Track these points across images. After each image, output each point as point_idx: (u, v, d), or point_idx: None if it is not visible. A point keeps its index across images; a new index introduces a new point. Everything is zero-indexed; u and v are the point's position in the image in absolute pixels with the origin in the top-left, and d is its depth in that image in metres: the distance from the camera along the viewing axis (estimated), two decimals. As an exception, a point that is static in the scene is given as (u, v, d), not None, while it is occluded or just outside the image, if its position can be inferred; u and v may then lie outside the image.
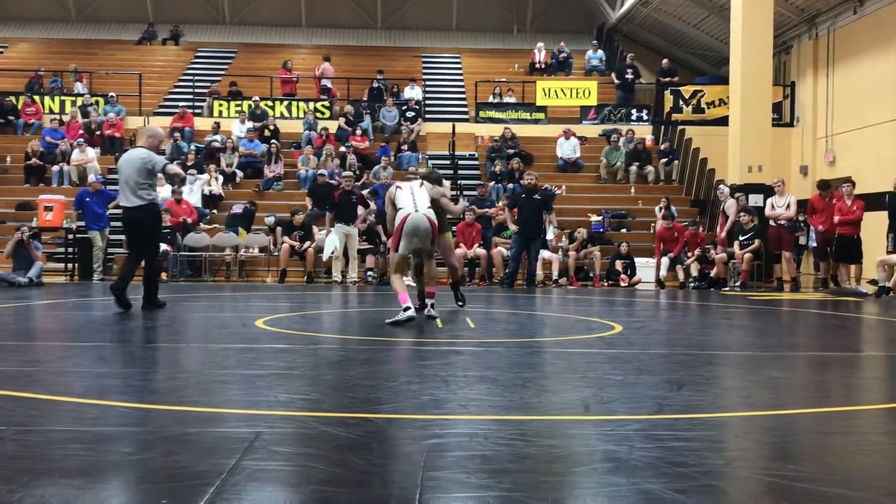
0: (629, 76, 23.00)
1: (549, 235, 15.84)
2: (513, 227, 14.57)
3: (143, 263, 9.02)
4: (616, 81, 23.31)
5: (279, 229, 16.22)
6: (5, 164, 20.13)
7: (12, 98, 21.98)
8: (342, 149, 19.75)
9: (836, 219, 14.42)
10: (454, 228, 16.17)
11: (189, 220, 16.24)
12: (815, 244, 16.40)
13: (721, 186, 16.65)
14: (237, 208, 17.18)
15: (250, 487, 2.68)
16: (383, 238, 15.16)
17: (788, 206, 15.23)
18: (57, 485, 2.67)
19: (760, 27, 17.18)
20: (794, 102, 21.18)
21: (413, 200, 8.29)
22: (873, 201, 15.64)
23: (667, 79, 22.49)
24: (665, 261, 15.61)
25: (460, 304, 9.70)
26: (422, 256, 8.76)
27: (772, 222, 15.29)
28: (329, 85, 23.68)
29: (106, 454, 3.07)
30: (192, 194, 17.37)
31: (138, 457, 3.05)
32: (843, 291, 14.09)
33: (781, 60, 22.01)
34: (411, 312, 7.61)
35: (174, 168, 9.45)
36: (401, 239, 8.21)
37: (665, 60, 23.76)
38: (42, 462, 2.95)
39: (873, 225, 15.12)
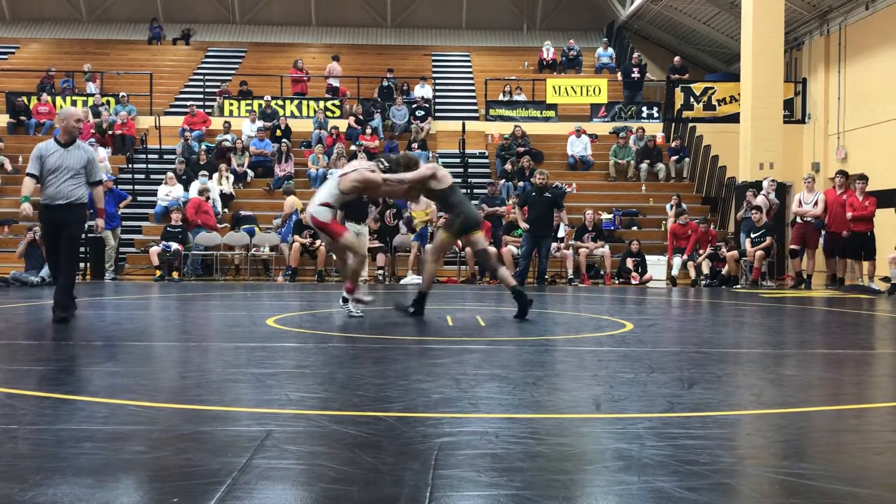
0: (635, 75, 22.94)
1: (560, 233, 15.81)
2: (523, 226, 14.54)
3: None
4: (620, 79, 23.28)
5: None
6: (17, 164, 20.22)
7: (24, 98, 22.08)
8: (352, 147, 19.77)
9: (849, 215, 14.29)
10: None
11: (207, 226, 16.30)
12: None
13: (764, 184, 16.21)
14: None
15: (261, 486, 2.69)
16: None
17: (816, 203, 14.76)
18: (69, 483, 2.68)
19: (771, 23, 17.13)
20: (805, 99, 21.08)
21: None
22: (885, 198, 15.54)
23: (677, 76, 22.44)
24: (677, 260, 15.55)
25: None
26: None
27: (798, 219, 15.02)
28: (335, 84, 23.69)
29: (118, 453, 3.08)
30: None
31: (150, 455, 3.06)
32: (856, 288, 14.02)
33: (793, 57, 21.92)
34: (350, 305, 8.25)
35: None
36: None
37: (676, 58, 23.69)
38: (54, 461, 2.96)
39: (885, 222, 15.03)
